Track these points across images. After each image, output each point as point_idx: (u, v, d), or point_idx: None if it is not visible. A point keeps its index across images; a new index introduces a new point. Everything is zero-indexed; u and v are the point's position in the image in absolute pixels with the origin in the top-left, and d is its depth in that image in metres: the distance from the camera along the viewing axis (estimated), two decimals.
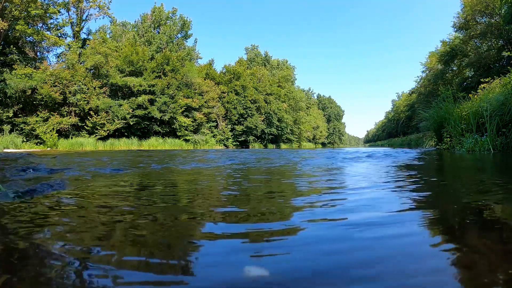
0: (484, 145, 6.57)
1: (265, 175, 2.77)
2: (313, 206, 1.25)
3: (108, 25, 31.61)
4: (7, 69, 20.00)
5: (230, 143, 34.77)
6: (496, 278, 0.59)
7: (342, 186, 1.88)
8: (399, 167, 3.25)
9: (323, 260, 0.68)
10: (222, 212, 1.19)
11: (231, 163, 4.33)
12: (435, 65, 36.42)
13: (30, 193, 1.52)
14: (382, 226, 0.95)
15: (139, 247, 0.80)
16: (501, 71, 15.53)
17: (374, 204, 1.27)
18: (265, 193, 1.71)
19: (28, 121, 19.59)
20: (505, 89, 7.65)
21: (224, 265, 0.67)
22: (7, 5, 19.45)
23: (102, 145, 21.60)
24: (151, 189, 1.88)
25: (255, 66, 48.71)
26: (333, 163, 4.02)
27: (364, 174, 2.66)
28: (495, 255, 0.72)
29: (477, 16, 26.77)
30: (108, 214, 1.15)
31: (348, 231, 0.89)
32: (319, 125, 69.80)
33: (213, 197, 1.62)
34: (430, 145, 12.14)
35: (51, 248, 0.78)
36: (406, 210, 1.16)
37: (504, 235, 0.87)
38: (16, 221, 1.04)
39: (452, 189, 1.87)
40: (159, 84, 26.72)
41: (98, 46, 23.30)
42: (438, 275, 0.61)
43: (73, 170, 3.05)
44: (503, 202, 1.34)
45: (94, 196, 1.60)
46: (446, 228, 0.97)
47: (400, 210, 1.17)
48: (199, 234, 0.92)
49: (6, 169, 2.89)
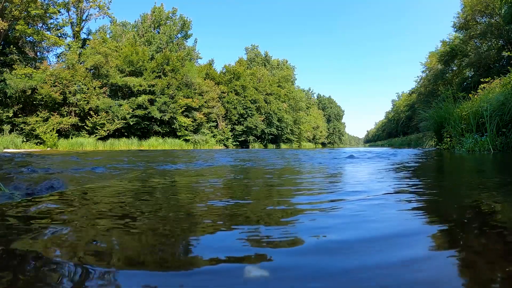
0: (484, 145, 6.57)
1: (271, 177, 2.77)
2: (314, 208, 1.25)
3: (108, 25, 31.68)
4: (7, 69, 20.02)
5: (230, 143, 34.77)
6: (496, 278, 0.59)
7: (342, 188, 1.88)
8: (399, 167, 3.25)
9: (323, 260, 0.68)
10: (223, 212, 1.19)
11: (233, 163, 4.32)
12: (435, 65, 36.43)
13: (30, 193, 1.52)
14: (382, 226, 0.95)
15: (139, 247, 0.80)
16: (501, 71, 15.53)
17: (374, 204, 1.27)
18: (266, 193, 1.71)
19: (28, 121, 19.60)
20: (505, 89, 7.65)
21: (224, 265, 0.67)
22: (7, 5, 19.46)
23: (102, 145, 21.60)
24: (151, 188, 1.88)
25: (255, 66, 48.75)
26: (335, 163, 4.02)
27: (365, 174, 2.66)
28: (495, 255, 0.72)
29: (477, 16, 26.78)
30: (109, 214, 1.15)
31: (348, 231, 0.89)
32: (319, 125, 69.83)
33: (213, 197, 1.62)
34: (430, 145, 12.14)
35: (51, 248, 0.78)
36: (406, 210, 1.16)
37: (504, 235, 0.87)
38: (16, 221, 1.04)
39: (452, 189, 1.87)
40: (159, 84, 26.73)
41: (98, 46, 23.32)
42: (438, 275, 0.61)
43: (73, 170, 3.05)
44: (503, 202, 1.34)
45: (95, 195, 1.60)
46: (446, 228, 0.97)
47: (400, 210, 1.17)
48: (199, 234, 0.92)
49: (6, 169, 2.89)
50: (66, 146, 19.86)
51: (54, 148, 19.23)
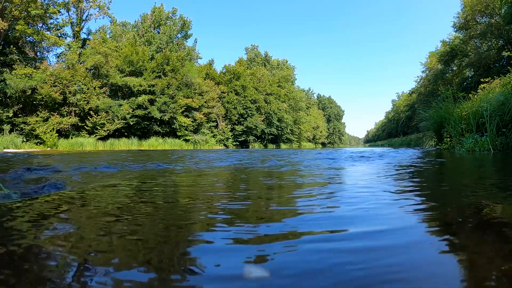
0: (484, 145, 6.57)
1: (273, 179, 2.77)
2: (313, 210, 1.25)
3: (108, 25, 31.66)
4: (7, 69, 20.01)
5: (230, 143, 34.77)
6: (496, 278, 0.59)
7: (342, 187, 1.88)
8: (399, 167, 3.25)
9: (323, 261, 0.68)
10: (223, 212, 1.19)
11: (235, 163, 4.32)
12: (435, 65, 36.43)
13: (30, 193, 1.52)
14: (381, 226, 0.95)
15: (139, 247, 0.80)
16: (501, 71, 15.54)
17: (374, 203, 1.27)
18: (267, 194, 1.71)
19: (28, 121, 19.60)
20: (505, 89, 7.65)
21: (224, 265, 0.67)
22: (7, 5, 19.47)
23: (102, 145, 21.60)
24: (152, 188, 1.88)
25: (255, 66, 48.74)
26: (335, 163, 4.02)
27: (365, 173, 2.66)
28: (495, 255, 0.71)
29: (477, 16, 26.77)
30: (109, 214, 1.15)
31: (349, 231, 0.89)
32: (319, 125, 69.83)
33: (214, 197, 1.62)
34: (430, 145, 12.14)
35: (52, 248, 0.78)
36: (406, 210, 1.16)
37: (504, 235, 0.87)
38: (17, 222, 1.04)
39: (452, 189, 1.87)
40: (159, 84, 26.72)
41: (98, 46, 23.31)
42: (438, 274, 0.61)
43: (73, 170, 3.05)
44: (503, 202, 1.34)
45: (96, 195, 1.60)
46: (446, 227, 0.97)
47: (399, 210, 1.17)
48: (199, 234, 0.92)
49: (6, 169, 2.89)
50: (66, 146, 19.85)
51: (54, 148, 19.23)
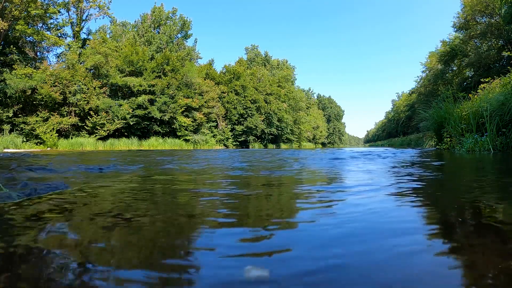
0: (484, 145, 6.57)
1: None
2: (314, 209, 1.25)
3: (108, 25, 31.68)
4: (7, 69, 20.00)
5: (230, 143, 34.76)
6: (496, 278, 0.59)
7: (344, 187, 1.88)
8: (399, 167, 3.25)
9: (322, 261, 0.68)
10: (223, 212, 1.19)
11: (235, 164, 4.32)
12: (435, 65, 36.41)
13: (30, 193, 1.52)
14: (381, 225, 0.95)
15: (139, 247, 0.80)
16: (501, 71, 15.53)
17: (374, 203, 1.27)
18: (268, 195, 1.71)
19: (28, 121, 19.58)
20: (505, 89, 7.65)
21: (225, 265, 0.67)
22: (7, 5, 19.46)
23: (102, 145, 21.60)
24: (152, 188, 1.88)
25: (255, 66, 48.71)
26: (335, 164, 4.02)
27: (365, 173, 2.66)
28: (495, 255, 0.72)
29: (477, 16, 26.78)
30: (109, 214, 1.15)
31: (348, 231, 0.89)
32: (319, 125, 69.80)
33: (214, 197, 1.62)
34: (430, 145, 12.13)
35: (52, 248, 0.78)
36: (405, 210, 1.16)
37: (504, 235, 0.87)
38: (17, 222, 1.04)
39: (452, 188, 1.87)
40: (159, 84, 26.72)
41: (98, 46, 23.30)
42: (437, 274, 0.61)
43: (74, 170, 3.05)
44: (503, 202, 1.34)
45: (96, 195, 1.60)
46: (446, 227, 0.97)
47: (399, 210, 1.17)
48: (199, 234, 0.93)
49: (7, 169, 2.89)
50: (66, 146, 19.85)
51: (54, 148, 19.23)
